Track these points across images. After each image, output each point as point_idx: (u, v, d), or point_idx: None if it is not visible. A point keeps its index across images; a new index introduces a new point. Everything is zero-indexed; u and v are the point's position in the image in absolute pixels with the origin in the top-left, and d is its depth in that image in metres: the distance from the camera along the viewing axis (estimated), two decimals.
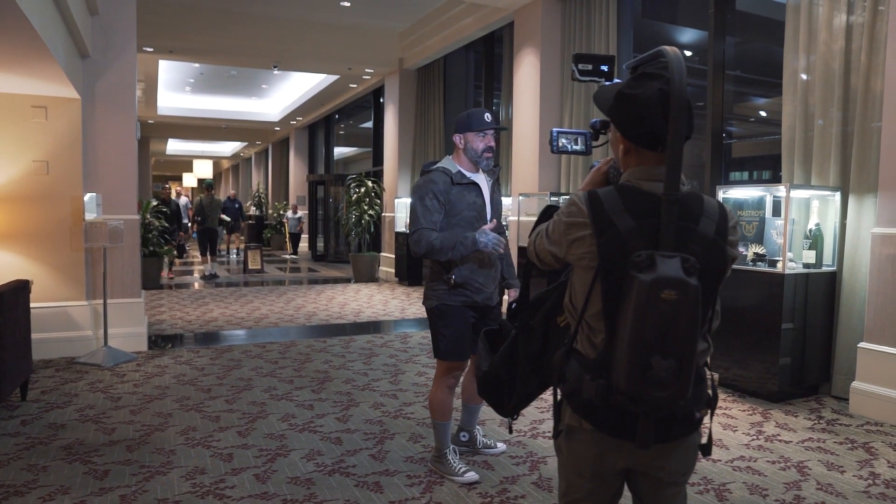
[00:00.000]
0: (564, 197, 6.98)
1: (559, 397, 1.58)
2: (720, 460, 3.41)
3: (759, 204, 4.84)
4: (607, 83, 1.75)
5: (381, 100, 12.87)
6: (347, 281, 11.69)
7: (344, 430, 3.88)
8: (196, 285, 10.95)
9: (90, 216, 5.58)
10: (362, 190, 11.59)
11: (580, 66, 1.84)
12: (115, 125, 5.82)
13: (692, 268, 1.34)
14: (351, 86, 13.51)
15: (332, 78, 13.13)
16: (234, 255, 17.13)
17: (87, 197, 5.61)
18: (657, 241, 1.40)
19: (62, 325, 5.61)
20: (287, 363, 5.51)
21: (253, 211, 22.54)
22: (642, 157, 1.50)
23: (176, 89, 16.10)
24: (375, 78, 12.36)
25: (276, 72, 12.98)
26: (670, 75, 1.41)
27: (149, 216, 9.99)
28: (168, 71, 14.01)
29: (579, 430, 1.54)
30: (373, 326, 7.34)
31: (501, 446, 3.56)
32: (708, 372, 1.56)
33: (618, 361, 1.38)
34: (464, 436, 3.48)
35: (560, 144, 1.91)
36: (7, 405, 4.23)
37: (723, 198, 4.87)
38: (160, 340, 6.42)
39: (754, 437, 3.75)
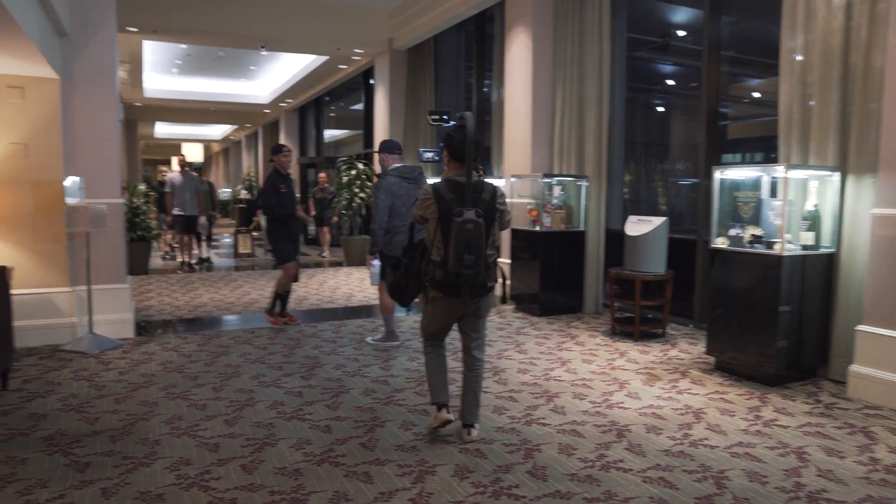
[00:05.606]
0: (557, 178, 6.90)
1: (426, 283, 3.37)
2: (718, 446, 3.35)
3: (756, 185, 4.74)
4: (446, 125, 4.06)
5: (372, 81, 12.67)
6: (339, 264, 11.58)
7: (333, 417, 3.79)
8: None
9: (72, 200, 5.43)
10: (353, 172, 11.44)
11: (432, 117, 4.24)
12: (95, 106, 5.64)
13: (479, 214, 3.19)
14: (340, 67, 13.27)
15: (322, 59, 12.89)
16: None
17: (68, 180, 5.45)
18: (463, 203, 3.22)
19: (46, 311, 5.48)
20: (276, 349, 5.41)
21: (244, 194, 22.26)
22: (455, 165, 3.35)
23: (162, 71, 15.79)
24: (365, 59, 12.14)
25: (263, 52, 12.72)
26: (468, 127, 3.27)
27: (136, 200, 9.83)
28: (154, 52, 13.73)
29: (437, 298, 3.36)
30: (364, 311, 7.24)
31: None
32: (500, 269, 3.48)
33: (450, 259, 3.18)
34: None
35: (426, 157, 4.70)
36: None
37: (720, 179, 4.77)
38: (148, 326, 6.30)
39: (752, 423, 3.69)
